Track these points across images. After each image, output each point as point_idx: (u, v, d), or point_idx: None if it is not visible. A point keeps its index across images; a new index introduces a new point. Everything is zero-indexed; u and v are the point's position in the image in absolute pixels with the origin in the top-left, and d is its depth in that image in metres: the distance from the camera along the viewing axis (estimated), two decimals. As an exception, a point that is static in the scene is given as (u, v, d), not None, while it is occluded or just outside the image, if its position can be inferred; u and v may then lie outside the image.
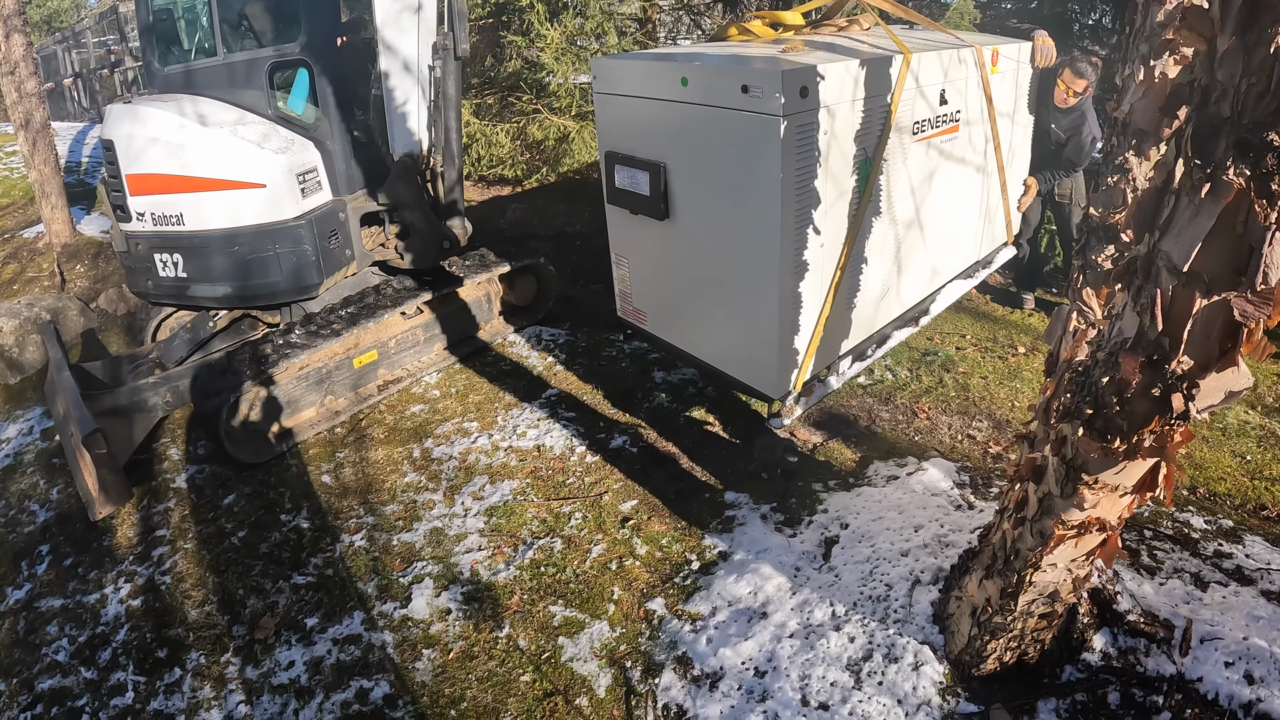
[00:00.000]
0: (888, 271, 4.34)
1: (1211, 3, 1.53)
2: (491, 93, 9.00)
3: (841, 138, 3.64)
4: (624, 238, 4.51)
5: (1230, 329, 1.70)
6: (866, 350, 4.52)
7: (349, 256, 5.40)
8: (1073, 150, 5.48)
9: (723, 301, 4.00)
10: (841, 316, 4.11)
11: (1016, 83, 5.13)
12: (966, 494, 3.87)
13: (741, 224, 3.70)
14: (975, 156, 4.85)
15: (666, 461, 4.50)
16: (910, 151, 4.18)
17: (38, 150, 7.84)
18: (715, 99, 3.55)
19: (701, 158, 3.76)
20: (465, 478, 4.48)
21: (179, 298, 5.22)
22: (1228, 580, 3.17)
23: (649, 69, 3.92)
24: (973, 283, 5.44)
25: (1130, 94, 2.24)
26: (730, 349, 4.12)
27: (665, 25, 9.52)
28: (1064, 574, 2.46)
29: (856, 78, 3.62)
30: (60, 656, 3.61)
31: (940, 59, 4.22)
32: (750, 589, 3.47)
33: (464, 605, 3.59)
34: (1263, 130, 1.45)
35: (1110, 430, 2.04)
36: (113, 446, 4.18)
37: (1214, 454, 4.23)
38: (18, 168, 12.63)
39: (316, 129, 5.19)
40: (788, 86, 3.25)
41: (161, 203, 4.90)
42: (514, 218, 8.84)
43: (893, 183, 4.12)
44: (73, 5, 21.14)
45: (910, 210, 4.36)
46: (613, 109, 4.20)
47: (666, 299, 4.43)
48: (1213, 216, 1.64)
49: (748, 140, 3.47)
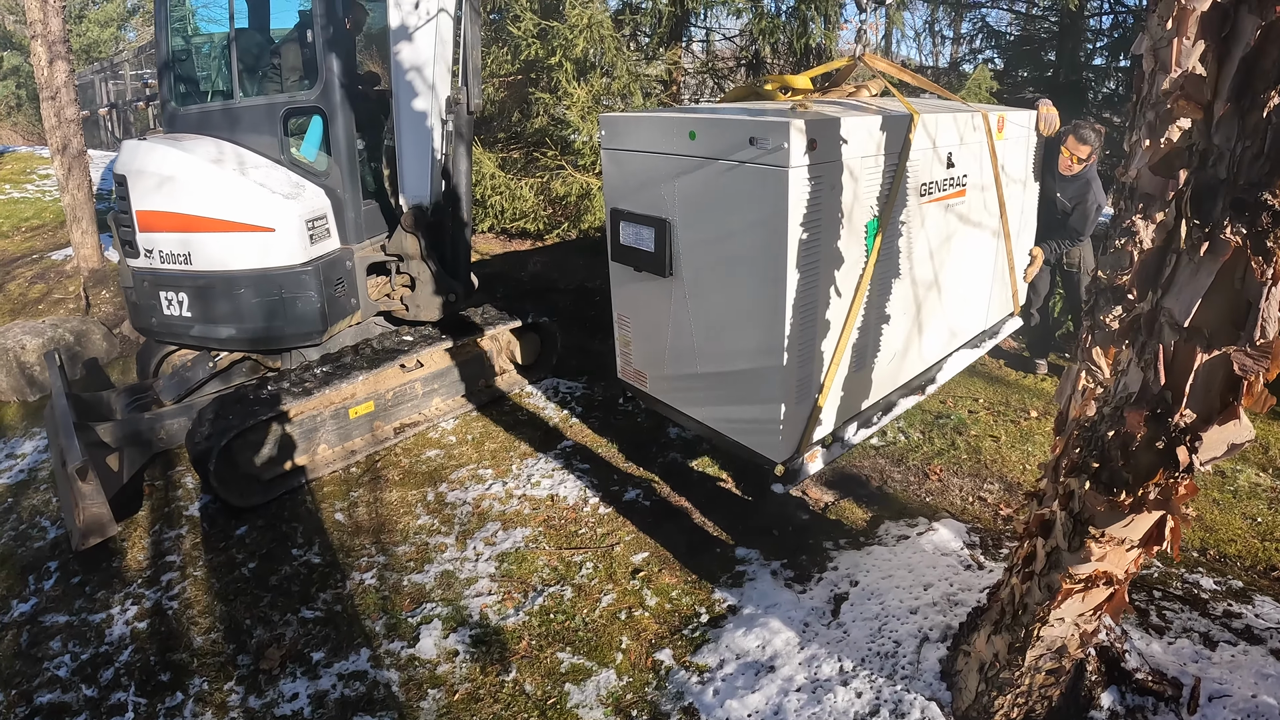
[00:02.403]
0: (895, 336, 4.29)
1: (1209, 71, 1.61)
2: (517, 147, 9.22)
3: (850, 194, 3.60)
4: (627, 296, 4.47)
5: (1231, 382, 1.75)
6: (873, 417, 4.45)
7: (354, 305, 5.42)
8: (1078, 219, 5.50)
9: (725, 362, 3.93)
10: (848, 381, 4.05)
11: (1024, 150, 5.18)
12: (977, 554, 3.87)
13: (746, 281, 3.65)
14: (982, 222, 4.85)
15: (679, 515, 4.52)
16: (918, 213, 4.15)
17: (73, 175, 7.99)
18: (723, 152, 3.52)
19: (707, 212, 3.73)
20: (478, 523, 4.51)
21: (182, 337, 5.18)
22: (1237, 639, 3.15)
23: (657, 124, 3.91)
24: (979, 352, 5.42)
25: (1137, 159, 2.32)
26: (733, 412, 4.03)
27: (689, 88, 9.76)
28: (1071, 628, 2.47)
29: (867, 133, 3.60)
30: (61, 672, 3.62)
31: (947, 121, 4.22)
32: (759, 643, 3.46)
33: (472, 648, 3.59)
34: (1258, 190, 1.52)
35: (1116, 484, 2.08)
36: (101, 479, 4.17)
37: (1225, 516, 4.24)
38: (50, 190, 13.01)
39: (328, 176, 5.23)
40: (795, 138, 3.21)
41: (170, 241, 4.90)
42: (535, 271, 8.99)
43: (900, 244, 4.09)
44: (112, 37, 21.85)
45: (918, 274, 4.33)
46: (620, 165, 4.19)
47: (668, 360, 4.32)
48: (1212, 274, 1.70)
49: (754, 193, 3.44)
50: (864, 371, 4.18)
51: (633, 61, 8.58)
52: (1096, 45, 8.75)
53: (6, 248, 10.39)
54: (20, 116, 21.30)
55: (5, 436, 5.95)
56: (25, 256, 9.84)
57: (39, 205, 12.29)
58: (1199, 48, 1.66)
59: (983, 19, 9.94)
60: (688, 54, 10.02)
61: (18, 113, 21.12)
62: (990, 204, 4.89)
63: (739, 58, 9.61)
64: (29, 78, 19.10)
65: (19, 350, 6.58)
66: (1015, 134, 5.02)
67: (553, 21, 7.72)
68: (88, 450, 4.30)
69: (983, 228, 4.91)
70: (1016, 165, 5.12)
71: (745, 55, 9.26)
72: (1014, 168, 5.07)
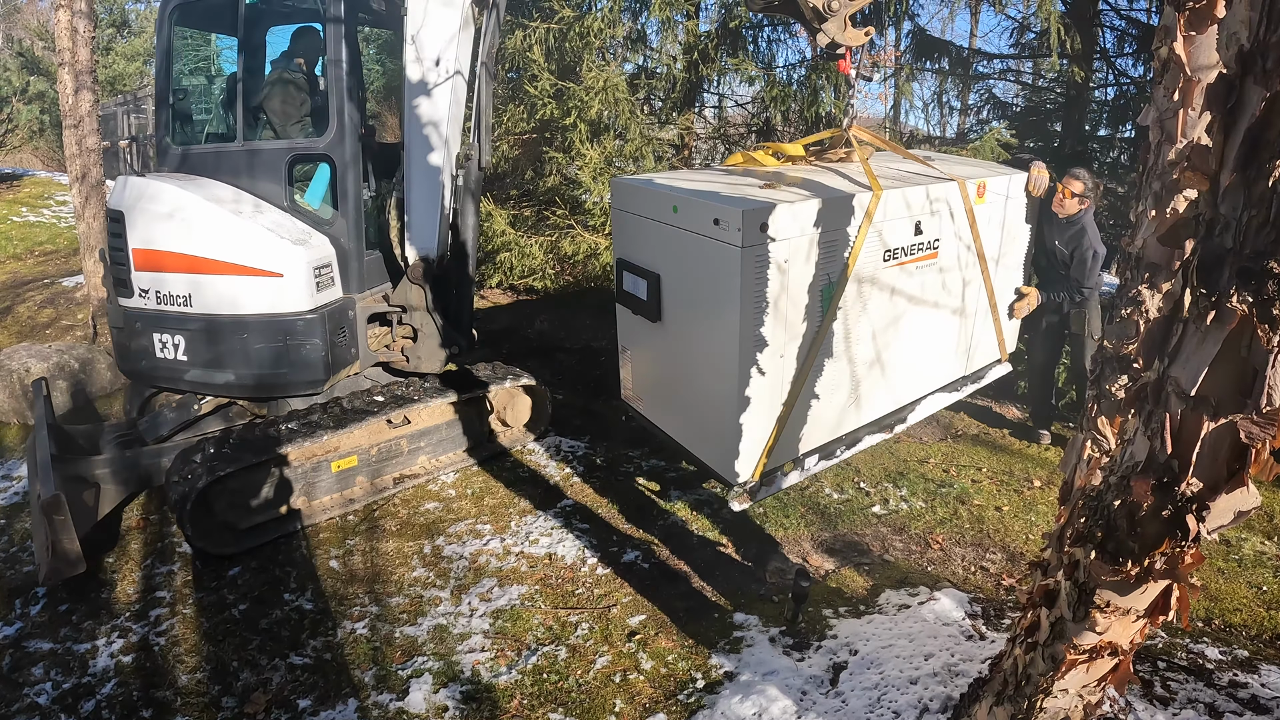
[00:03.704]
0: (854, 381, 4.70)
1: (1214, 142, 1.64)
2: (529, 205, 9.32)
3: (799, 265, 4.11)
4: (628, 332, 5.02)
5: (1238, 450, 1.74)
6: (835, 450, 4.76)
7: (354, 355, 5.37)
8: (1077, 268, 5.51)
9: (696, 394, 4.48)
10: (803, 418, 4.49)
11: (1005, 212, 5.35)
12: (978, 625, 3.81)
13: (711, 331, 4.20)
14: (956, 278, 5.10)
15: (677, 579, 4.47)
16: (881, 276, 4.56)
17: (89, 204, 8.05)
18: (696, 226, 4.09)
19: (686, 273, 4.30)
20: (474, 578, 4.46)
21: (175, 381, 5.03)
22: (1243, 710, 3.11)
23: (652, 194, 4.49)
24: (958, 396, 5.52)
25: (1143, 229, 2.35)
26: (700, 435, 4.57)
27: (701, 152, 9.91)
28: (1075, 700, 2.42)
29: (818, 214, 4.09)
30: (42, 700, 3.56)
31: (911, 194, 4.57)
32: (755, 710, 3.39)
33: (462, 704, 3.52)
34: (1264, 259, 1.54)
35: (1122, 553, 2.05)
36: (73, 514, 4.08)
37: (1230, 585, 4.20)
38: (66, 217, 13.21)
39: (332, 225, 5.21)
40: (747, 223, 3.77)
41: (170, 281, 4.81)
42: (542, 328, 9.02)
43: (860, 303, 4.52)
44: (138, 71, 22.22)
45: (880, 327, 4.70)
46: (625, 223, 4.77)
47: (657, 387, 4.92)
48: (1218, 342, 1.70)
49: (716, 263, 4.01)
50: (824, 411, 4.58)
51: (646, 125, 8.74)
52: (1101, 116, 8.92)
53: (19, 270, 10.52)
54: (42, 141, 21.60)
55: (4, 458, 5.95)
56: (37, 280, 9.95)
57: (54, 230, 12.47)
58: (1204, 119, 1.69)
59: (989, 90, 10.14)
60: (700, 119, 10.21)
61: (40, 138, 21.41)
62: (966, 263, 5.12)
63: (750, 124, 9.78)
64: (53, 104, 19.40)
65: (24, 373, 6.61)
66: (995, 199, 5.21)
67: (569, 83, 7.88)
68: (64, 484, 4.22)
69: (957, 284, 5.14)
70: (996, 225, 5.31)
71: (757, 122, 9.42)
72: (994, 228, 5.29)
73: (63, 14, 7.83)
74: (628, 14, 8.72)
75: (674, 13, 8.18)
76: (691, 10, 8.53)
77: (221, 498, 4.60)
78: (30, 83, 20.49)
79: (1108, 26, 8.58)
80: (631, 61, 9.20)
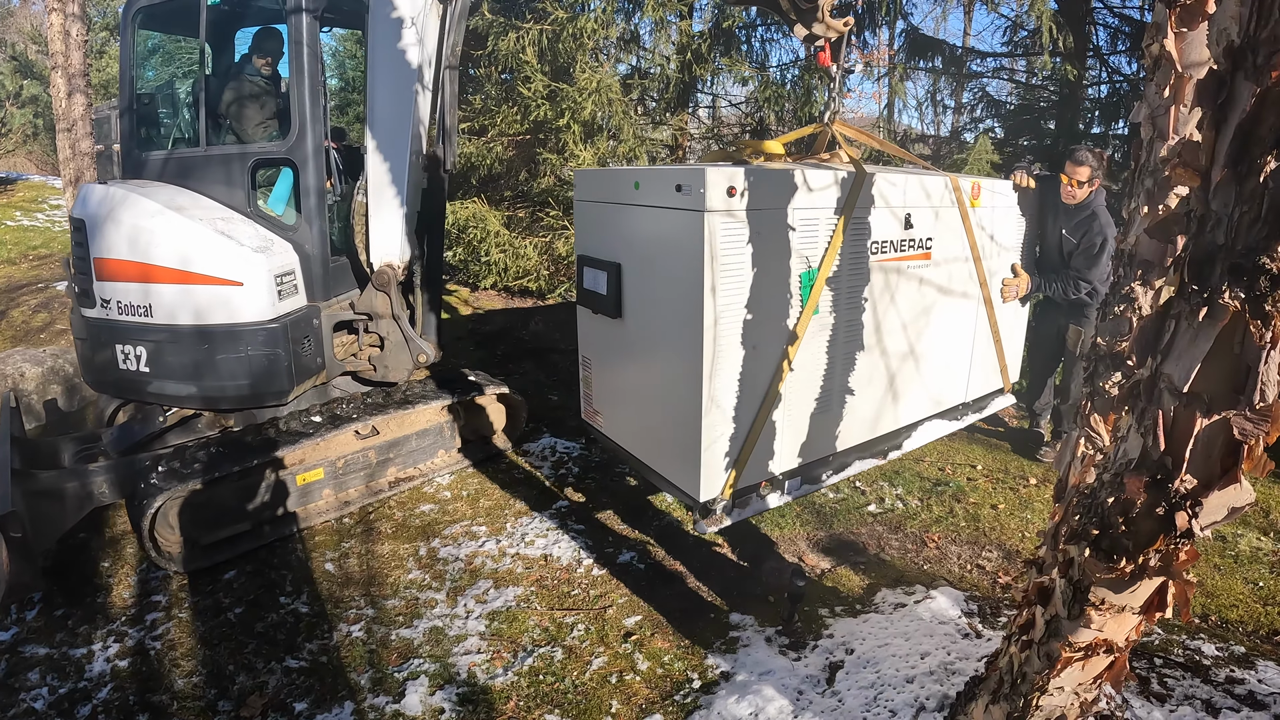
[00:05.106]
0: (842, 393, 4.34)
1: (1205, 138, 1.64)
2: (523, 206, 9.33)
3: (773, 242, 3.73)
4: (589, 338, 4.76)
5: (1231, 447, 1.74)
6: (821, 474, 4.46)
7: (319, 365, 5.24)
8: (1080, 257, 5.30)
9: (658, 400, 4.11)
10: (784, 432, 4.14)
11: (1004, 220, 5.15)
12: (975, 623, 3.81)
13: (674, 322, 3.81)
14: (954, 290, 4.83)
15: (673, 579, 4.46)
16: (868, 270, 4.23)
17: None
18: (658, 199, 3.76)
19: (647, 257, 3.98)
20: (470, 580, 4.45)
21: (139, 393, 4.90)
22: (1240, 706, 3.10)
23: (613, 176, 4.26)
24: (958, 425, 5.36)
25: (1135, 226, 2.35)
26: (662, 448, 4.22)
27: (694, 152, 9.93)
28: (1071, 698, 2.41)
29: (797, 184, 3.72)
30: (38, 705, 3.54)
31: (901, 180, 4.30)
32: (751, 710, 3.38)
33: (458, 706, 3.51)
34: (1255, 255, 1.54)
35: (1116, 550, 2.05)
36: (35, 529, 3.97)
37: (1226, 581, 4.21)
38: (60, 221, 13.18)
39: (296, 230, 5.09)
40: (713, 184, 3.38)
41: (131, 291, 4.67)
42: (536, 329, 9.01)
43: (845, 299, 4.15)
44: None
45: (870, 333, 4.36)
46: (587, 214, 4.51)
47: (617, 398, 4.58)
48: (1210, 339, 1.70)
49: (680, 237, 3.62)
50: (807, 425, 4.28)
51: (640, 125, 8.75)
52: (1094, 114, 8.96)
53: (13, 274, 10.49)
54: (35, 145, 21.55)
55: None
56: (31, 284, 9.92)
57: (48, 234, 12.43)
58: (1196, 115, 1.69)
59: (983, 89, 10.19)
60: (694, 119, 10.23)
61: (33, 141, 21.37)
62: (965, 274, 4.89)
63: (744, 124, 9.80)
64: (47, 108, 19.36)
65: (18, 378, 6.59)
66: (993, 202, 5.01)
67: (562, 84, 7.89)
68: (24, 499, 4.12)
69: (955, 296, 4.88)
70: (995, 234, 5.10)
71: (750, 122, 9.45)
72: (992, 237, 5.06)
73: (55, 17, 7.82)
74: (621, 15, 8.73)
75: (667, 13, 8.19)
76: (685, 10, 8.54)
77: (181, 515, 4.49)
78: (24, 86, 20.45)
79: (1100, 24, 8.62)
80: (625, 62, 9.22)
